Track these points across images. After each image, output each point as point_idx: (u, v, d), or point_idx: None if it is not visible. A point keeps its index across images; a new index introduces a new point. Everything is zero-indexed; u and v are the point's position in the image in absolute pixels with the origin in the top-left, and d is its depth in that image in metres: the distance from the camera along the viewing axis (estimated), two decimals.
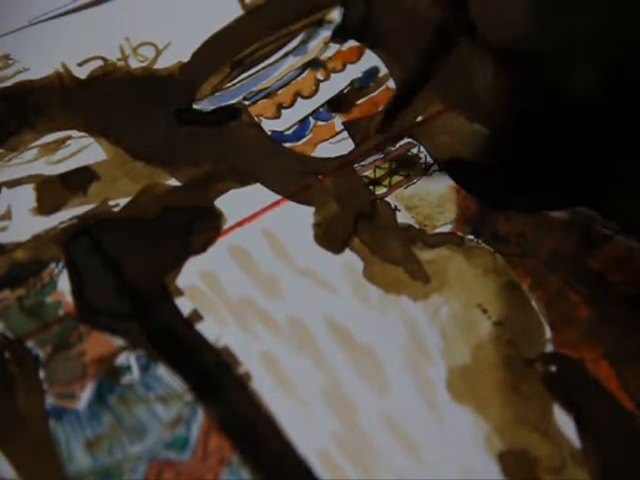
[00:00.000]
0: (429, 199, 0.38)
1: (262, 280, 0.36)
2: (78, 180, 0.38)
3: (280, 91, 0.41)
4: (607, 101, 0.30)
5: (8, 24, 0.43)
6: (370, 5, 0.44)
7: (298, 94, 0.41)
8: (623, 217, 0.37)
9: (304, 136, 0.40)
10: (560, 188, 0.37)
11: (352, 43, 0.43)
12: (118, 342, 0.34)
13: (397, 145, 0.40)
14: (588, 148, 0.32)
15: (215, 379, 0.33)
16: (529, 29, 0.30)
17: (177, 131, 0.40)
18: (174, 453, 0.32)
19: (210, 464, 0.32)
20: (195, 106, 0.41)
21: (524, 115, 0.33)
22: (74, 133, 0.40)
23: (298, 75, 0.42)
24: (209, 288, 0.35)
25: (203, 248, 0.37)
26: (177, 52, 0.42)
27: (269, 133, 0.40)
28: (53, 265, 0.36)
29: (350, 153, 0.40)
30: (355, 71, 0.42)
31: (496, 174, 0.38)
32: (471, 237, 0.37)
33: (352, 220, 0.37)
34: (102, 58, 0.42)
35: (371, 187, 0.39)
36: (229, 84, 0.42)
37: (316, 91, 0.42)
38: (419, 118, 0.40)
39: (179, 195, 0.38)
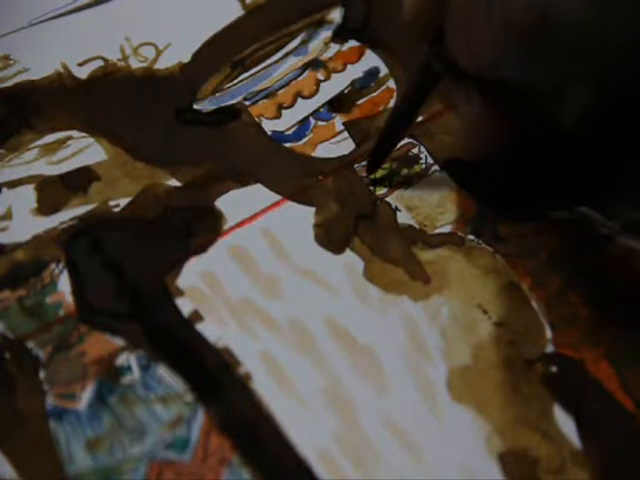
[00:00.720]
0: (429, 199, 0.38)
1: (262, 280, 0.36)
2: (78, 180, 0.38)
3: (280, 91, 0.41)
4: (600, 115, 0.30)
5: (8, 24, 0.43)
6: (371, 5, 0.44)
7: (298, 94, 0.41)
8: (623, 217, 0.37)
9: (304, 136, 0.40)
10: (560, 188, 0.36)
11: (352, 43, 0.43)
12: (118, 342, 0.34)
13: (398, 145, 0.40)
14: (588, 149, 0.32)
15: (215, 379, 0.33)
16: (504, 59, 0.30)
17: (177, 131, 0.40)
18: (174, 453, 0.32)
19: (210, 464, 0.32)
20: (195, 106, 0.41)
21: (517, 138, 0.33)
22: (74, 133, 0.40)
23: (298, 75, 0.42)
24: (209, 288, 0.35)
25: (203, 248, 0.37)
26: (177, 52, 0.42)
27: (269, 133, 0.40)
28: (53, 265, 0.36)
29: (351, 153, 0.40)
30: (356, 71, 0.42)
31: (496, 174, 0.38)
32: (471, 237, 0.37)
33: (352, 220, 0.37)
34: (102, 58, 0.42)
35: (371, 187, 0.39)
36: (229, 84, 0.42)
37: (316, 91, 0.42)
38: (419, 118, 0.40)
39: (179, 195, 0.38)
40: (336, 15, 0.44)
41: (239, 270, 0.36)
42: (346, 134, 0.40)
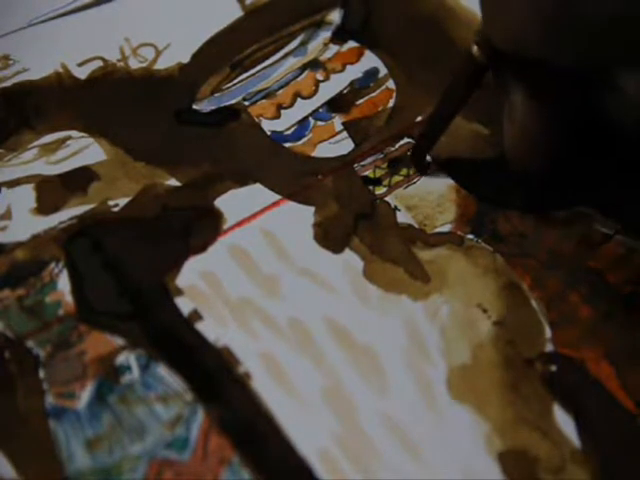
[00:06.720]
0: (429, 199, 0.38)
1: (262, 280, 0.36)
2: (78, 180, 0.38)
3: (280, 92, 0.42)
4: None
5: (8, 24, 0.43)
6: (370, 6, 0.44)
7: (298, 94, 0.41)
8: (623, 216, 0.37)
9: (304, 136, 0.40)
10: (560, 187, 0.37)
11: (352, 44, 0.43)
12: (118, 342, 0.34)
13: (397, 145, 0.40)
14: (589, 147, 0.32)
15: (215, 379, 0.33)
16: (540, 36, 0.29)
17: (177, 132, 0.40)
18: (174, 453, 0.32)
19: (210, 464, 0.32)
20: (195, 107, 0.41)
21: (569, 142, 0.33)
22: (74, 133, 0.40)
23: (298, 76, 0.42)
24: (209, 288, 0.35)
25: (203, 248, 0.37)
26: (177, 53, 0.42)
27: (269, 133, 0.40)
28: (53, 265, 0.36)
29: (350, 153, 0.40)
30: (355, 72, 0.42)
31: (496, 173, 0.38)
32: (471, 237, 0.37)
33: (352, 220, 0.37)
34: (102, 59, 0.42)
35: (371, 187, 0.39)
36: (229, 85, 0.42)
37: (316, 91, 0.42)
38: (419, 118, 0.40)
39: (179, 195, 0.38)
40: (335, 16, 0.44)
41: (238, 269, 0.36)
42: (345, 134, 0.40)
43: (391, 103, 0.41)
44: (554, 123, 0.32)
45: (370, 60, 0.43)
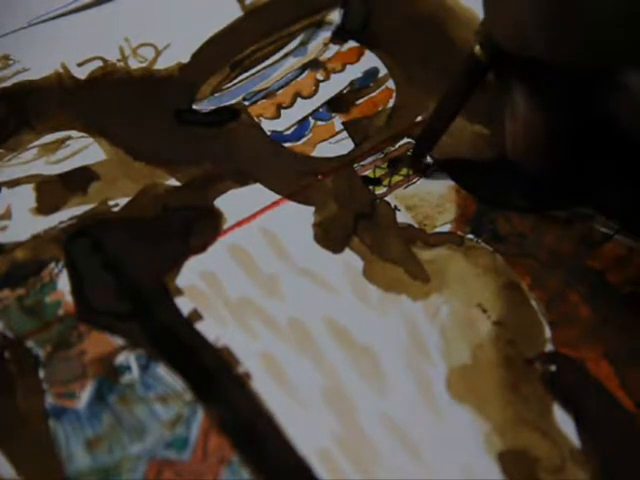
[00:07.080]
0: (429, 199, 0.38)
1: (262, 280, 0.36)
2: (78, 180, 0.38)
3: (280, 91, 0.42)
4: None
5: (8, 24, 0.43)
6: (370, 6, 0.44)
7: (298, 94, 0.41)
8: (622, 216, 0.37)
9: (304, 136, 0.40)
10: (560, 187, 0.37)
11: (352, 44, 0.43)
12: (118, 341, 0.34)
13: (397, 145, 0.40)
14: (591, 145, 0.32)
15: (215, 379, 0.33)
16: (541, 32, 0.28)
17: (177, 131, 0.40)
18: (174, 453, 0.32)
19: (210, 464, 0.32)
20: (195, 107, 0.41)
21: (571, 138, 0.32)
22: (74, 133, 0.40)
23: (298, 76, 0.42)
24: (209, 288, 0.35)
25: (203, 248, 0.37)
26: (177, 53, 0.42)
27: (269, 133, 0.40)
28: (53, 265, 0.36)
29: (350, 153, 0.40)
30: (355, 72, 0.42)
31: (496, 173, 0.38)
32: (471, 237, 0.37)
33: (352, 220, 0.37)
34: (102, 59, 0.42)
35: (371, 187, 0.39)
36: (229, 85, 0.42)
37: (316, 91, 0.42)
38: (419, 118, 0.40)
39: (179, 195, 0.38)
40: (335, 16, 0.44)
41: (238, 269, 0.36)
42: (345, 134, 0.40)
43: (391, 103, 0.41)
44: (557, 120, 0.32)
45: (370, 60, 0.43)
